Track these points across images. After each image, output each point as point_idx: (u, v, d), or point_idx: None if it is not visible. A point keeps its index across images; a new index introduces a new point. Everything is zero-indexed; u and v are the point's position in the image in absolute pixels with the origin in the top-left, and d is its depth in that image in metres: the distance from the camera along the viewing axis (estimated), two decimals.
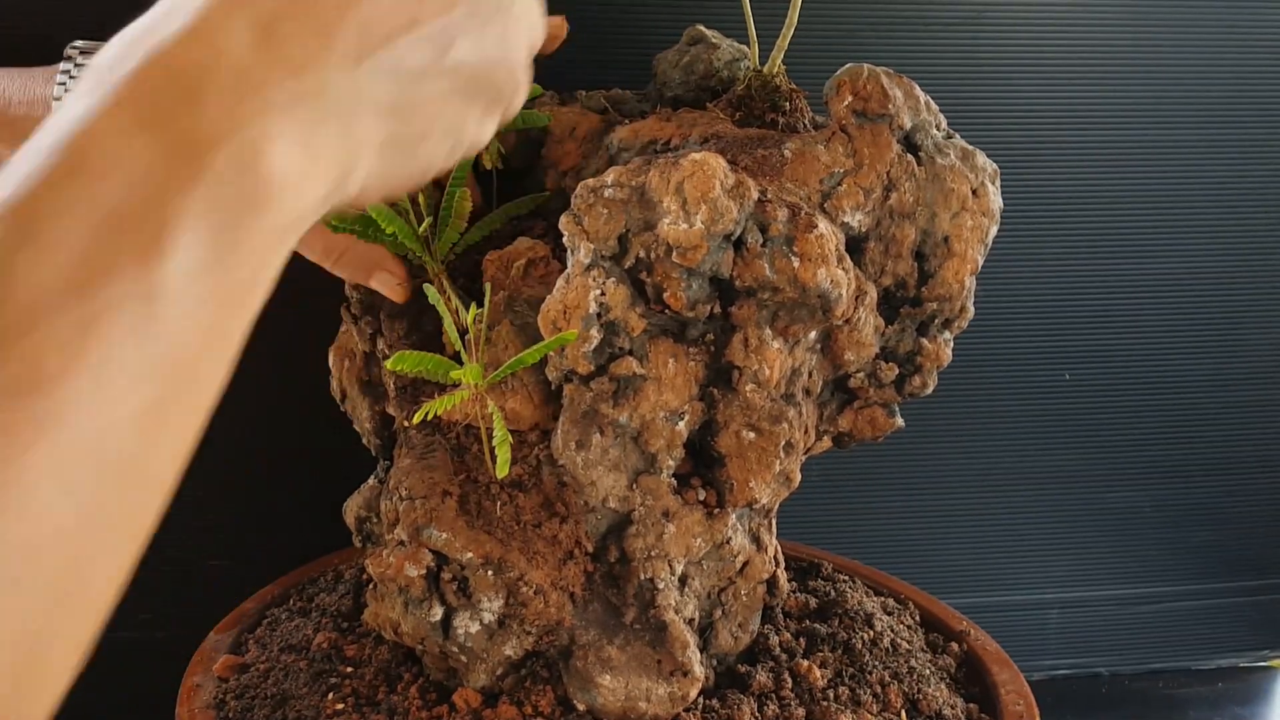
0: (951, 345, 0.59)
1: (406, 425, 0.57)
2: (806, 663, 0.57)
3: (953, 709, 0.57)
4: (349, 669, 0.57)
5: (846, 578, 0.68)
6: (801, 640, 0.60)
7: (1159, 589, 0.95)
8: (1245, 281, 0.88)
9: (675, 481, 0.53)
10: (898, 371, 0.58)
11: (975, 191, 0.56)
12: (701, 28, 0.64)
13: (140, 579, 0.29)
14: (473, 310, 0.51)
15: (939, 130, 0.57)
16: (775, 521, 0.59)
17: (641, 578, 0.53)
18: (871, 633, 0.61)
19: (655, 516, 0.53)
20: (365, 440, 0.63)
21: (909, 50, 0.79)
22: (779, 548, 0.59)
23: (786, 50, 0.57)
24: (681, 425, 0.52)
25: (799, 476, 0.55)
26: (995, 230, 0.57)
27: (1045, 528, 0.92)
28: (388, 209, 0.53)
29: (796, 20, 0.56)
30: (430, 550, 0.51)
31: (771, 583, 0.59)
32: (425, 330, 0.58)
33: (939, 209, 0.55)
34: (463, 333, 0.52)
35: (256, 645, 0.61)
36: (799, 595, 0.65)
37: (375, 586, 0.54)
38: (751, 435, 0.53)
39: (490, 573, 0.51)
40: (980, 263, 0.57)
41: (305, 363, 0.66)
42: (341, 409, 0.64)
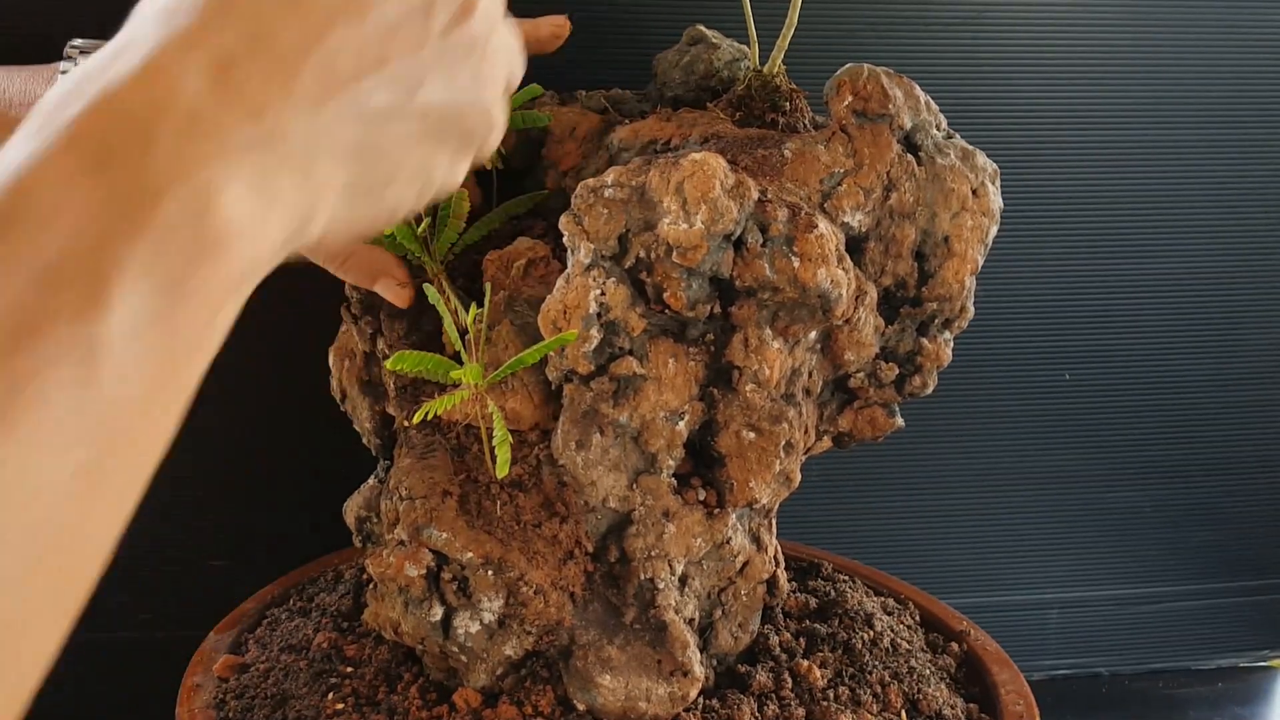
0: (951, 345, 0.59)
1: (406, 425, 0.57)
2: (806, 663, 0.57)
3: (953, 709, 0.57)
4: (349, 669, 0.57)
5: (846, 578, 0.68)
6: (801, 640, 0.60)
7: (1159, 589, 0.95)
8: (1245, 281, 0.88)
9: (675, 481, 0.53)
10: (898, 371, 0.58)
11: (975, 191, 0.56)
12: (701, 28, 0.64)
13: (140, 579, 0.28)
14: (473, 310, 0.51)
15: (939, 130, 0.57)
16: (775, 521, 0.59)
17: (641, 578, 0.53)
18: (871, 633, 0.61)
19: (655, 516, 0.53)
20: (365, 440, 0.63)
21: (909, 50, 0.79)
22: (779, 548, 0.59)
23: (786, 50, 0.57)
24: (681, 425, 0.52)
25: (799, 476, 0.55)
26: (995, 230, 0.57)
27: (1045, 528, 0.92)
28: None
29: (796, 20, 0.56)
30: (430, 550, 0.51)
31: (771, 583, 0.59)
32: (425, 330, 0.58)
33: (939, 209, 0.55)
34: (463, 333, 0.52)
35: (256, 645, 0.61)
36: (799, 595, 0.65)
37: (375, 586, 0.54)
38: (751, 435, 0.53)
39: (490, 573, 0.51)
40: (980, 263, 0.57)
41: (305, 363, 0.66)
42: (341, 409, 0.64)
